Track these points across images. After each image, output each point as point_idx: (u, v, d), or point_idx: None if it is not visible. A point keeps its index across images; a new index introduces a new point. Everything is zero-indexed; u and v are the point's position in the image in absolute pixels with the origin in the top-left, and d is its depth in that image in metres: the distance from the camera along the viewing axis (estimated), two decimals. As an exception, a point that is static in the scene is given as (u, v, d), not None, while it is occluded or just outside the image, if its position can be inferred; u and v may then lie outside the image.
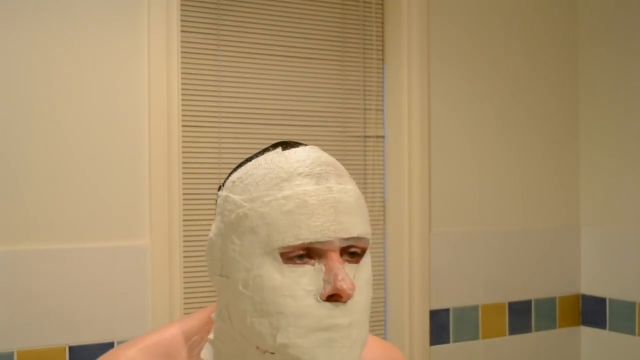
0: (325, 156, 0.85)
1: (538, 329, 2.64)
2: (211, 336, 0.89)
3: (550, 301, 2.68)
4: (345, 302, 0.79)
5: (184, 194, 2.10)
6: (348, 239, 0.80)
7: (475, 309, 2.51)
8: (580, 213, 2.75)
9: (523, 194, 2.63)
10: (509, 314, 2.58)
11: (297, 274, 0.79)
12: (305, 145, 0.87)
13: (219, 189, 0.89)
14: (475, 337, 2.51)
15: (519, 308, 2.60)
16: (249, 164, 0.86)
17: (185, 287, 2.10)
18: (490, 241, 2.55)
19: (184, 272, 2.09)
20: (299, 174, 0.81)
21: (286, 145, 0.86)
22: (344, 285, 0.78)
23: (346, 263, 0.81)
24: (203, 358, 0.89)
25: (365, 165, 2.44)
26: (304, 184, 0.80)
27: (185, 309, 2.09)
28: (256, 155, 0.87)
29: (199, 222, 2.16)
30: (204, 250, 2.16)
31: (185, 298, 2.10)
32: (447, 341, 2.45)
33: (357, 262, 0.83)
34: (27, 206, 1.87)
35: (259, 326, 0.79)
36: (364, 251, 0.83)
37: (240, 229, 0.81)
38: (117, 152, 1.97)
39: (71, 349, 1.89)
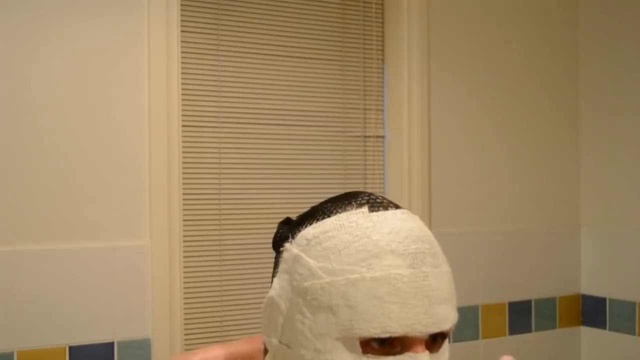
0: (419, 227, 0.75)
1: (538, 329, 2.64)
2: None
3: (550, 301, 2.68)
4: None
5: (184, 194, 2.10)
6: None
7: (475, 309, 2.51)
8: (580, 213, 2.75)
9: (523, 194, 2.63)
10: (509, 314, 2.58)
11: None
12: (393, 206, 0.77)
13: (283, 237, 0.78)
14: (475, 337, 2.51)
15: (519, 308, 2.60)
16: (328, 222, 0.74)
17: (185, 287, 2.10)
18: (490, 241, 2.55)
19: (184, 272, 2.09)
20: (391, 252, 0.71)
21: (372, 204, 0.76)
22: None
23: (430, 353, 0.73)
24: None
25: (365, 165, 2.44)
26: (396, 266, 0.70)
27: (185, 309, 2.09)
28: (334, 207, 0.76)
29: (199, 222, 2.16)
30: (204, 250, 2.17)
31: (185, 298, 2.10)
32: (447, 341, 2.44)
33: (438, 349, 0.74)
34: (27, 206, 1.87)
35: None
36: (446, 336, 0.75)
37: (314, 303, 0.71)
38: (117, 152, 1.97)
39: (71, 349, 1.89)
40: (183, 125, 2.11)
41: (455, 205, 2.49)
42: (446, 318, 0.72)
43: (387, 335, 0.69)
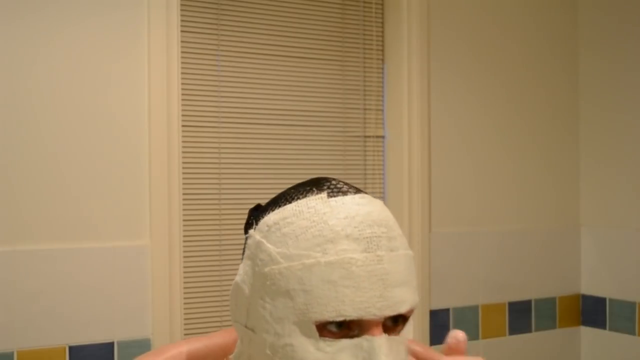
0: (377, 211, 0.75)
1: (538, 329, 2.64)
2: None
3: (550, 301, 2.68)
4: None
5: (184, 194, 2.10)
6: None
7: (475, 309, 2.51)
8: (580, 213, 2.75)
9: (523, 194, 2.63)
10: (509, 314, 2.58)
11: (334, 348, 0.71)
12: (353, 191, 0.78)
13: (250, 224, 0.80)
14: (475, 337, 2.51)
15: (519, 308, 2.60)
16: (288, 208, 0.76)
17: (185, 287, 2.10)
18: (491, 241, 2.55)
19: (184, 272, 2.10)
20: (347, 236, 0.72)
21: (332, 189, 0.77)
22: None
23: (387, 335, 0.73)
24: None
25: (365, 165, 2.44)
26: (350, 250, 0.71)
27: (185, 309, 2.09)
28: (296, 193, 0.77)
29: (199, 222, 2.16)
30: (204, 250, 2.17)
31: (185, 298, 2.10)
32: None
33: (399, 332, 0.75)
34: (27, 206, 1.87)
35: None
36: (407, 318, 0.76)
37: (273, 288, 0.73)
38: (117, 152, 1.97)
39: (71, 349, 1.89)
40: (183, 125, 2.11)
41: (455, 205, 2.49)
42: (403, 301, 0.72)
43: (341, 318, 0.70)
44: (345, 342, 0.71)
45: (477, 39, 2.54)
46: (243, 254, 0.79)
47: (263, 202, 2.43)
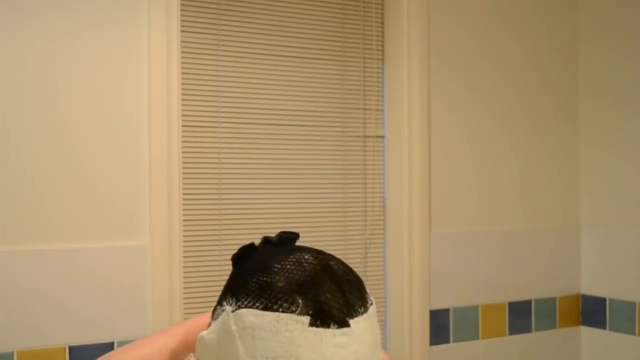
0: (355, 356, 0.70)
1: (538, 329, 2.64)
2: None
3: (550, 301, 2.68)
4: None
5: (184, 194, 2.10)
6: None
7: (475, 309, 2.51)
8: (580, 213, 2.75)
9: (523, 194, 2.63)
10: (509, 314, 2.58)
11: None
12: (341, 314, 0.70)
13: (226, 299, 0.74)
14: (475, 337, 2.51)
15: (519, 308, 2.60)
16: (269, 318, 0.69)
17: (185, 287, 2.10)
18: (490, 241, 2.55)
19: (184, 272, 2.10)
20: None
21: (317, 311, 0.69)
22: None
23: None
24: None
25: (365, 165, 2.44)
26: None
27: (185, 308, 2.09)
28: (282, 293, 0.70)
29: (199, 222, 2.16)
30: (204, 250, 2.17)
31: (185, 298, 2.10)
32: (447, 341, 2.45)
33: None
34: (27, 206, 1.87)
35: None
36: None
37: None
38: (117, 152, 1.97)
39: (71, 349, 1.89)
40: (183, 125, 2.11)
41: (455, 205, 2.49)
42: None
43: None
44: None
45: (477, 38, 2.54)
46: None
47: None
